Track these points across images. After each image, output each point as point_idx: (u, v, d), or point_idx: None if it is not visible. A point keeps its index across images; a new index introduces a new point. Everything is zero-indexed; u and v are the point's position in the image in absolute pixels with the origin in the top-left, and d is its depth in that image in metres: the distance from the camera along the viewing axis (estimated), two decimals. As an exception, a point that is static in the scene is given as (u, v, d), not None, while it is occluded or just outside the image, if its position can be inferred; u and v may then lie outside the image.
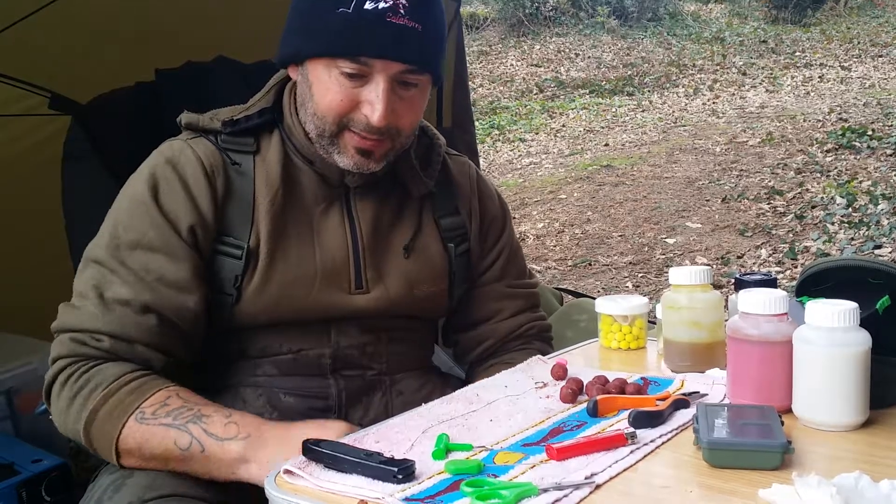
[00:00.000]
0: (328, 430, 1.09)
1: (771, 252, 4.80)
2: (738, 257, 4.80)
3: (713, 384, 1.16)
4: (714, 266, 4.63)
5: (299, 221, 1.31)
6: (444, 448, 0.95)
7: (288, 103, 1.33)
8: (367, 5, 1.17)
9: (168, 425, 1.12)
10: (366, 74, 1.20)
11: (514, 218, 5.92)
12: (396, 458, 0.91)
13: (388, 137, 1.25)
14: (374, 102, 1.20)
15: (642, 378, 1.21)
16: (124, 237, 1.23)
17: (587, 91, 10.56)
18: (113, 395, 1.14)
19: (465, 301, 1.49)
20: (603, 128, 8.88)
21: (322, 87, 1.22)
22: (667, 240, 5.25)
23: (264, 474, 1.01)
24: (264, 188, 1.29)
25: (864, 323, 0.99)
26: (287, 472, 0.92)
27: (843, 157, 6.34)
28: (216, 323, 1.28)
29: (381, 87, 1.20)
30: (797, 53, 11.15)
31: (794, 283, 1.16)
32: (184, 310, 1.23)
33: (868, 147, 6.39)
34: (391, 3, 1.17)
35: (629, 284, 4.65)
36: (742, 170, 6.47)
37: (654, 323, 1.39)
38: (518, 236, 1.59)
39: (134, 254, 1.22)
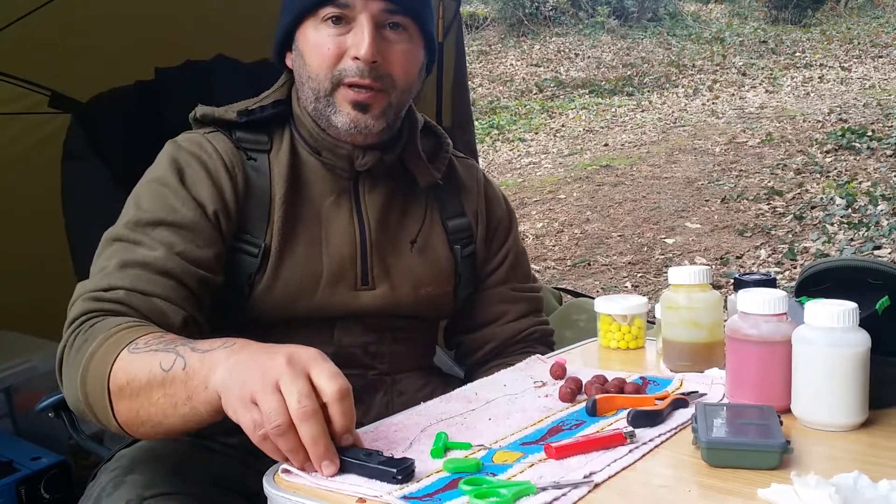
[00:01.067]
0: (304, 351, 0.95)
1: (770, 252, 4.80)
2: (738, 258, 4.80)
3: (712, 384, 1.16)
4: (713, 266, 4.63)
5: (308, 217, 1.31)
6: (443, 446, 0.95)
7: (296, 96, 1.34)
8: None
9: (157, 350, 1.00)
10: (349, 19, 1.23)
11: (514, 218, 5.91)
12: (395, 456, 0.91)
13: (383, 90, 1.26)
14: (359, 42, 1.22)
15: (641, 377, 1.21)
16: (146, 215, 1.21)
17: (587, 91, 10.56)
18: (110, 338, 1.05)
19: (469, 303, 1.49)
20: (602, 128, 8.88)
21: (312, 47, 1.25)
22: (666, 240, 5.26)
23: (221, 385, 0.92)
24: (277, 185, 1.29)
25: (864, 323, 0.99)
26: (286, 470, 0.92)
27: (842, 157, 6.34)
28: (226, 319, 1.28)
29: (365, 23, 1.22)
30: (797, 54, 11.16)
31: (794, 283, 1.16)
32: (208, 284, 1.20)
33: (868, 148, 6.40)
34: None
35: (628, 284, 4.66)
36: (741, 170, 6.47)
37: (654, 323, 1.39)
38: (518, 236, 1.59)
39: (157, 230, 1.20)
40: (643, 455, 0.93)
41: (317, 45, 1.24)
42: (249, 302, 1.27)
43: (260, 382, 0.89)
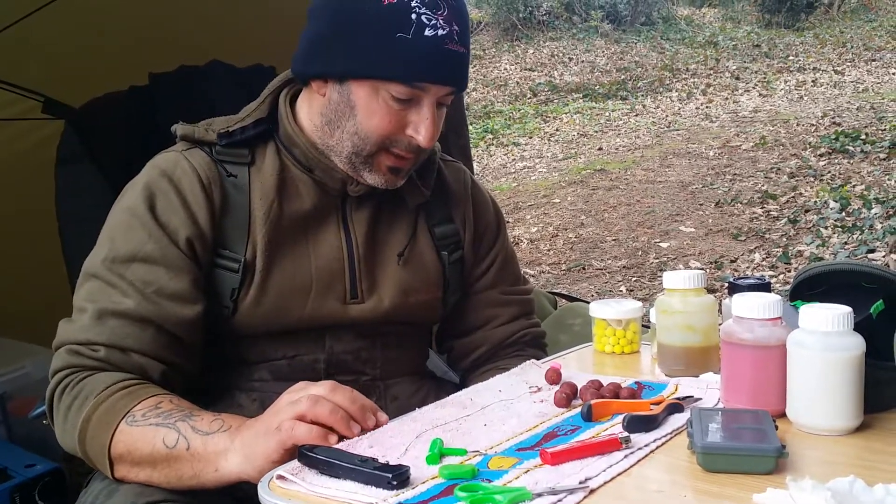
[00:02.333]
0: (317, 387, 1.07)
1: (764, 256, 4.81)
2: (732, 261, 4.81)
3: (707, 388, 1.16)
4: (708, 270, 4.64)
5: (295, 232, 1.30)
6: (438, 453, 0.95)
7: (285, 112, 1.32)
8: (427, 32, 1.18)
9: (157, 424, 1.09)
10: (416, 99, 1.22)
11: (508, 222, 5.93)
12: (391, 463, 0.91)
13: (420, 155, 1.29)
14: (421, 125, 1.23)
15: (636, 382, 1.21)
16: (121, 250, 1.22)
17: (581, 95, 10.58)
18: (104, 402, 1.12)
19: (460, 308, 1.49)
20: (596, 132, 8.90)
21: (368, 109, 1.23)
22: (660, 244, 5.27)
23: (242, 464, 1.03)
24: (259, 200, 1.28)
25: (858, 327, 0.99)
26: (280, 477, 0.92)
27: (836, 161, 6.36)
28: (213, 332, 1.28)
29: (430, 110, 1.23)
30: (790, 57, 11.19)
31: (788, 287, 1.16)
32: (184, 322, 1.22)
33: (861, 151, 6.42)
34: (447, 30, 1.19)
35: (623, 288, 4.66)
36: (735, 174, 6.49)
37: (648, 327, 1.39)
38: (512, 240, 1.59)
39: (131, 267, 1.21)
40: (639, 460, 0.93)
41: (375, 112, 1.22)
42: (236, 316, 1.27)
43: (276, 414, 1.02)
